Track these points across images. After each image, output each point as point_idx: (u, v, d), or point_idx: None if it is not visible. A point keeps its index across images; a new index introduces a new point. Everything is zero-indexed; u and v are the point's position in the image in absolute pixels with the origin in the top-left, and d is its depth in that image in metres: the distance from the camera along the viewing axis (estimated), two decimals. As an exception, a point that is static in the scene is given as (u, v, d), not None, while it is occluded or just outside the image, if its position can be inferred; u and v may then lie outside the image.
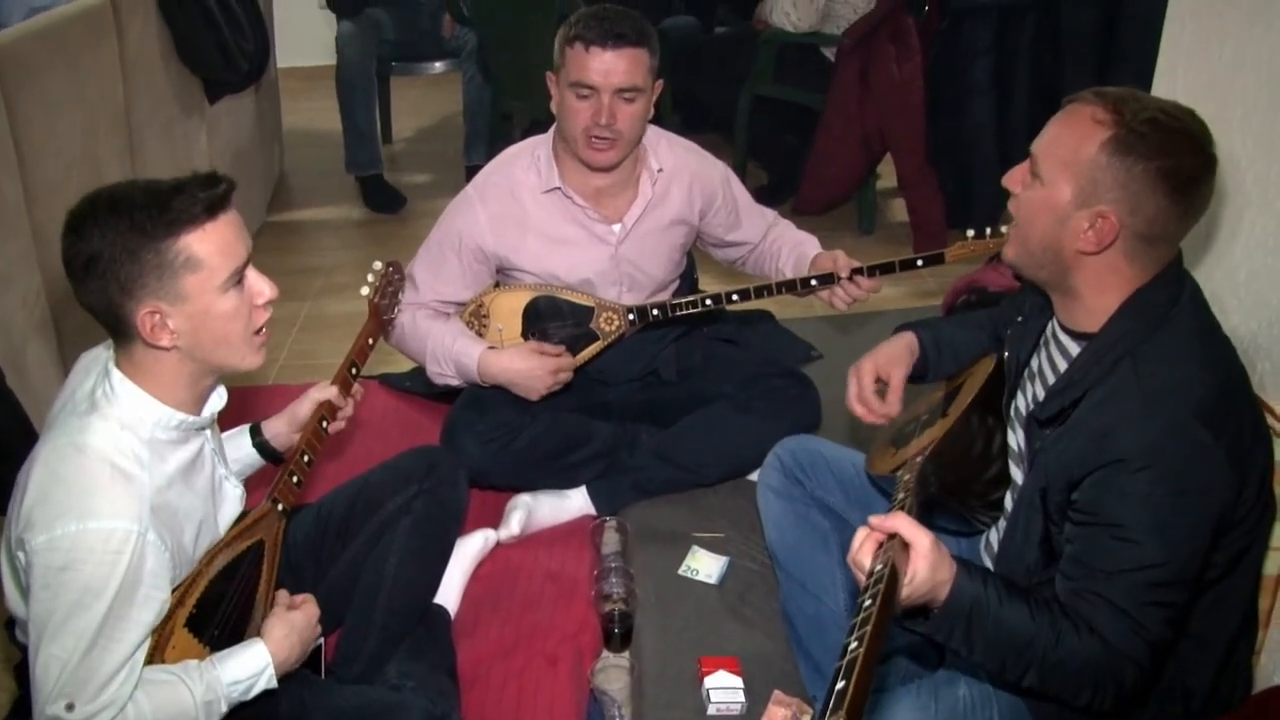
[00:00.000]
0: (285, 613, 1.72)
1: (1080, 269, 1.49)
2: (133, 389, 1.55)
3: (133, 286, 1.47)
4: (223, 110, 3.76)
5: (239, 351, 1.59)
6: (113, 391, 1.54)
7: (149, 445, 1.54)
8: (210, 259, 1.50)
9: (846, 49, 3.84)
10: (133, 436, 1.52)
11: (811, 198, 4.20)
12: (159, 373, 1.56)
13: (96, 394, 1.55)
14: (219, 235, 1.51)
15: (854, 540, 1.32)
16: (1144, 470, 1.38)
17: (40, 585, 1.46)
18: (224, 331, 1.56)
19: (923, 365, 1.97)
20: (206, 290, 1.51)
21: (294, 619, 1.71)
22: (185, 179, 1.51)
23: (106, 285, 1.47)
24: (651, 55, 2.26)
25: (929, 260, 2.23)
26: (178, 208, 1.47)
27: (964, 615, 1.35)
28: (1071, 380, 1.51)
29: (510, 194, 2.41)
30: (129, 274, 1.46)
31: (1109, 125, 1.43)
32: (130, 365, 1.55)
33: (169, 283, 1.48)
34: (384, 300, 2.21)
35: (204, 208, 1.49)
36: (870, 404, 1.93)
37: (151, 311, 1.49)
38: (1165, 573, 1.39)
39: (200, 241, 1.49)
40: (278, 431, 1.95)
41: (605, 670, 2.08)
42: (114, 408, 1.53)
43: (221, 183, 1.52)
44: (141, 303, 1.48)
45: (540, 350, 2.37)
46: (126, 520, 1.46)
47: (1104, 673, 1.39)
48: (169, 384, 1.57)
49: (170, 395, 1.57)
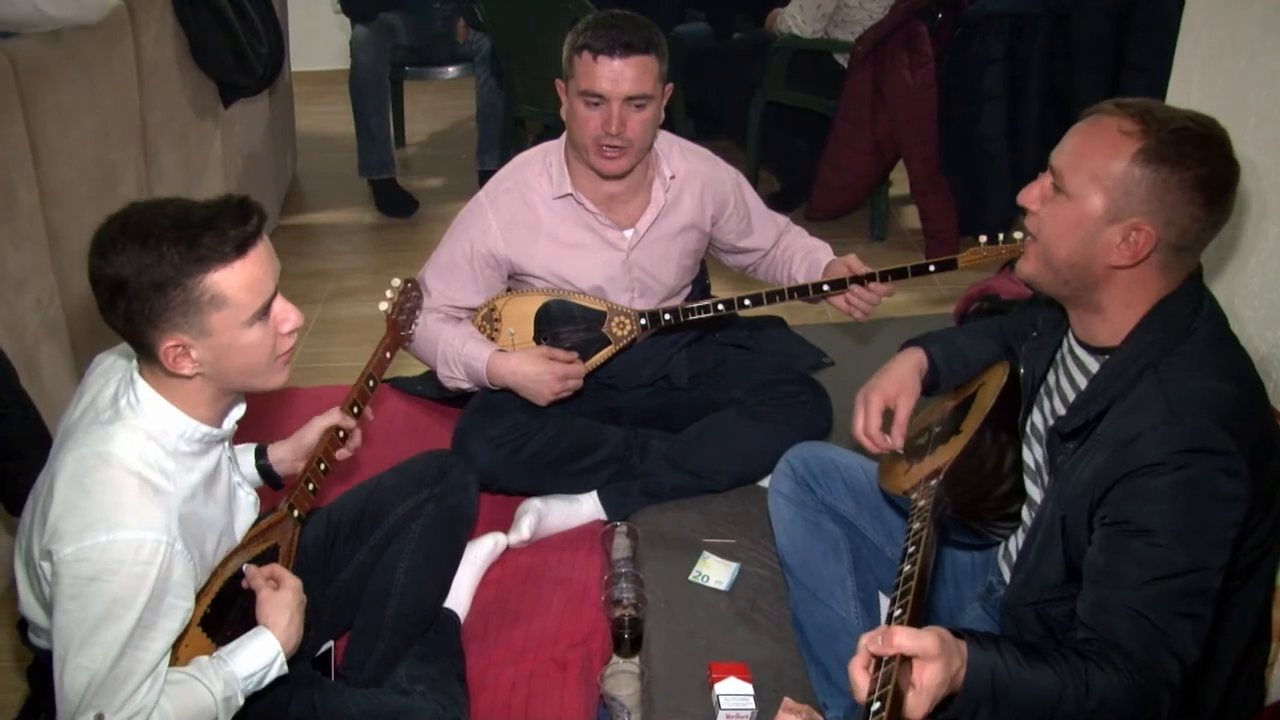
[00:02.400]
0: (276, 595, 1.67)
1: (1110, 284, 1.48)
2: (158, 400, 1.54)
3: (157, 319, 1.46)
4: (237, 114, 3.78)
5: (264, 376, 1.59)
6: (138, 402, 1.54)
7: (173, 456, 1.54)
8: (237, 296, 1.49)
9: (859, 56, 3.84)
10: (158, 448, 1.52)
11: (823, 204, 4.20)
12: (184, 391, 1.56)
13: (120, 403, 1.55)
14: (247, 273, 1.49)
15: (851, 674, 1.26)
16: (1171, 474, 1.37)
17: (68, 596, 1.45)
18: (248, 361, 1.55)
19: (933, 378, 1.97)
20: (232, 326, 1.50)
21: (287, 599, 1.67)
22: (217, 209, 1.48)
23: (131, 314, 1.46)
24: (660, 61, 2.26)
25: (942, 265, 2.23)
26: (207, 245, 1.45)
27: (987, 687, 1.29)
28: (1095, 393, 1.50)
29: (522, 200, 2.41)
30: (154, 307, 1.45)
31: (1138, 136, 1.41)
32: (154, 378, 1.55)
33: (194, 318, 1.47)
34: (402, 316, 2.22)
35: (234, 246, 1.46)
36: (875, 437, 1.93)
37: (175, 345, 1.48)
38: (1192, 581, 1.36)
39: (228, 279, 1.47)
40: (281, 457, 1.94)
41: (615, 676, 2.08)
42: (139, 418, 1.53)
43: (253, 217, 1.49)
44: (166, 334, 1.47)
45: (550, 355, 2.37)
46: (155, 531, 1.46)
47: (1140, 704, 1.33)
48: (192, 401, 1.57)
49: (193, 410, 1.57)
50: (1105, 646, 1.36)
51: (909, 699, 1.22)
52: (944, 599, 1.97)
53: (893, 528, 2.04)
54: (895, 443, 1.93)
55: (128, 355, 1.61)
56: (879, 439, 1.93)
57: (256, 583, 1.68)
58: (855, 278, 2.29)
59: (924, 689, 1.22)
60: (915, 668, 1.23)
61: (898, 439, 1.93)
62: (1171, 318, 1.47)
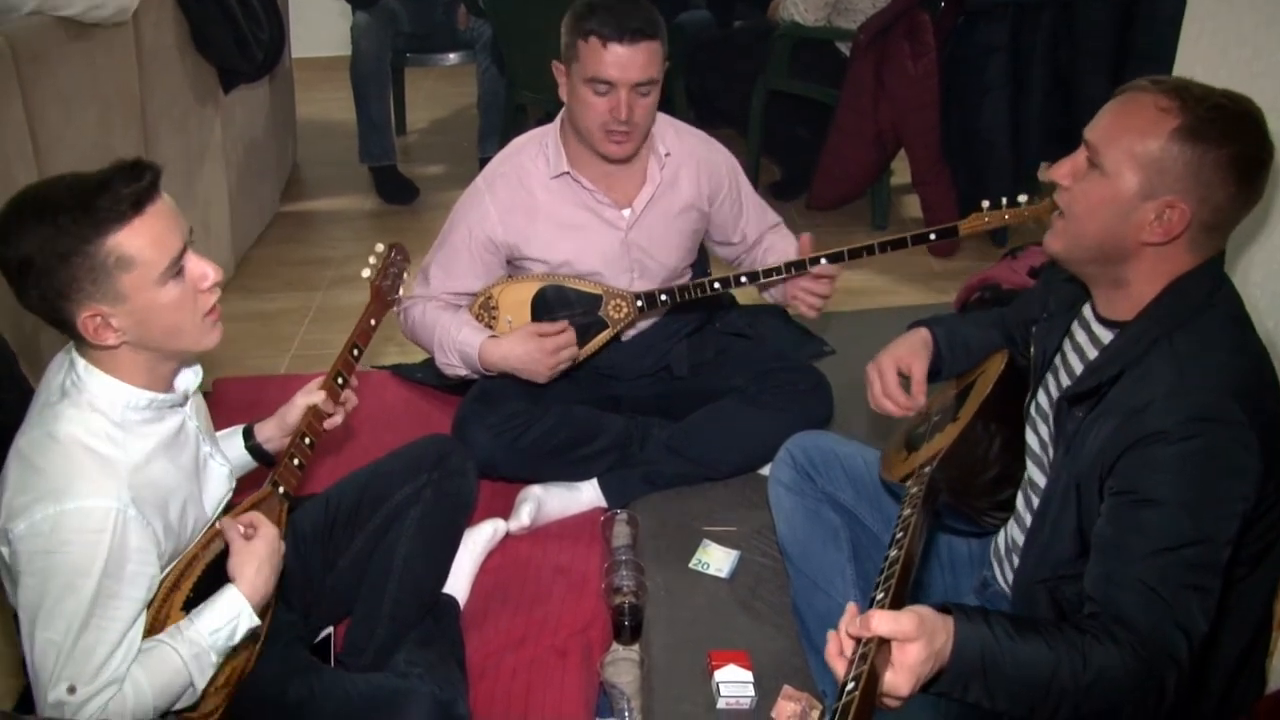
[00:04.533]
0: (246, 545, 1.63)
1: (1139, 260, 1.47)
2: (97, 374, 1.54)
3: (69, 290, 1.45)
4: (237, 100, 3.77)
5: (191, 337, 1.58)
6: (79, 379, 1.54)
7: (122, 426, 1.54)
8: (143, 255, 1.47)
9: (861, 45, 3.83)
10: (102, 418, 1.52)
11: (825, 193, 4.20)
12: (118, 362, 1.55)
13: (65, 384, 1.55)
14: (149, 229, 1.47)
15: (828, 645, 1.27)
16: (1181, 443, 1.36)
17: (26, 572, 1.46)
18: (171, 322, 1.54)
19: (937, 362, 1.97)
20: (144, 286, 1.49)
21: (257, 549, 1.63)
22: (110, 172, 1.47)
23: (43, 291, 1.45)
24: (663, 44, 2.26)
25: (944, 233, 2.23)
26: (103, 206, 1.44)
27: (977, 661, 1.27)
28: (1107, 360, 1.50)
29: (519, 183, 2.41)
30: (62, 279, 1.44)
31: (1175, 113, 1.40)
32: (89, 355, 1.55)
33: (105, 284, 1.46)
34: (386, 282, 2.20)
35: (130, 204, 1.45)
36: (897, 397, 1.92)
37: (93, 315, 1.48)
38: (1199, 553, 1.35)
39: (130, 238, 1.46)
40: (269, 436, 1.93)
41: (615, 663, 2.08)
42: (83, 394, 1.53)
43: (146, 173, 1.48)
44: (82, 306, 1.47)
45: (539, 332, 2.36)
46: (104, 498, 1.47)
47: (1143, 680, 1.30)
48: (129, 371, 1.56)
49: (134, 379, 1.56)
50: (1109, 620, 1.34)
51: (889, 678, 1.21)
52: (940, 587, 1.97)
53: (892, 516, 2.03)
54: (918, 400, 1.92)
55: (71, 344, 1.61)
56: (900, 398, 1.92)
57: (230, 534, 1.65)
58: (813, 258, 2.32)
59: (905, 667, 1.21)
60: (895, 649, 1.22)
61: (919, 396, 1.92)
62: (1187, 291, 1.46)
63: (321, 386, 1.90)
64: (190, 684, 1.57)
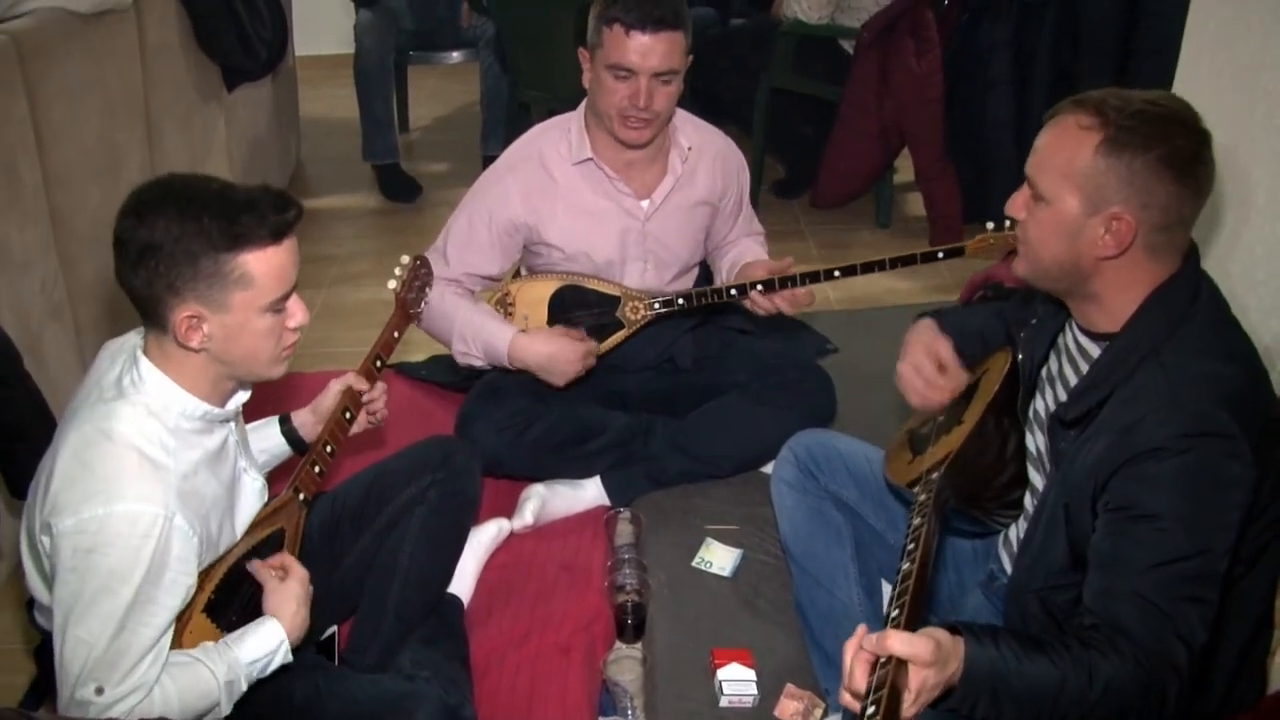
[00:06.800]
0: (282, 586, 1.68)
1: (1101, 274, 1.49)
2: (160, 377, 1.56)
3: (181, 287, 1.48)
4: (240, 98, 3.77)
5: (264, 365, 1.62)
6: (140, 379, 1.55)
7: (175, 433, 1.55)
8: (263, 281, 1.52)
9: (865, 42, 3.83)
10: (159, 424, 1.53)
11: (829, 191, 4.19)
12: (187, 367, 1.57)
13: (124, 381, 1.56)
14: (277, 260, 1.53)
15: (844, 660, 1.27)
16: (1175, 458, 1.37)
17: (67, 568, 1.47)
18: (254, 346, 1.58)
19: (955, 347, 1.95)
20: (249, 307, 1.53)
21: (293, 590, 1.68)
22: (259, 193, 1.52)
23: (155, 278, 1.48)
24: (687, 36, 2.26)
25: (950, 253, 2.23)
26: (246, 224, 1.48)
27: (985, 682, 1.30)
28: (1096, 381, 1.50)
29: (540, 165, 2.41)
30: (183, 274, 1.47)
31: (1097, 129, 1.43)
32: (159, 354, 1.57)
33: (218, 293, 1.50)
34: (410, 294, 2.21)
35: (271, 231, 1.50)
36: (939, 384, 1.88)
37: (192, 315, 1.50)
38: (1198, 565, 1.36)
39: (259, 262, 1.50)
40: (304, 422, 1.97)
41: (618, 661, 2.08)
42: (141, 395, 1.54)
43: (292, 208, 1.54)
44: (185, 303, 1.49)
45: (566, 334, 2.38)
46: (153, 504, 1.48)
47: (1146, 692, 1.33)
48: (193, 378, 1.58)
49: (195, 388, 1.58)
50: (1110, 633, 1.35)
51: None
52: (945, 585, 1.96)
53: (895, 515, 2.03)
54: (957, 380, 1.88)
55: (138, 336, 1.62)
56: (941, 382, 1.88)
57: (263, 575, 1.69)
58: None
59: (915, 692, 1.24)
60: (911, 670, 1.23)
61: (956, 375, 1.88)
62: (1170, 302, 1.47)
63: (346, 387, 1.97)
64: (217, 705, 1.59)
